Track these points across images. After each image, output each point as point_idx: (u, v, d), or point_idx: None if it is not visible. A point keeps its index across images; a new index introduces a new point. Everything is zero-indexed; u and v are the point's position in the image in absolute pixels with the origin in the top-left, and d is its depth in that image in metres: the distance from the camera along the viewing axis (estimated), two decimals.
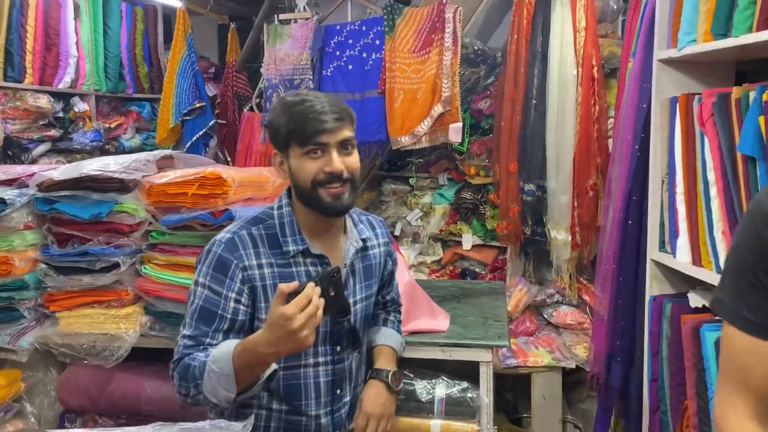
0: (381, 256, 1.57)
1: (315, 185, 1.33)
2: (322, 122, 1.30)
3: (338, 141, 1.33)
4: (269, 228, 1.40)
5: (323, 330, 1.40)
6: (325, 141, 1.31)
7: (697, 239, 1.68)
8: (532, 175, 3.00)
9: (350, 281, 1.46)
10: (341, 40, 3.21)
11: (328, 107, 1.32)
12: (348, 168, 1.34)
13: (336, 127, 1.31)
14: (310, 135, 1.30)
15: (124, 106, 4.08)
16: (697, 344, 1.63)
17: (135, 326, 1.86)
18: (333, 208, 1.35)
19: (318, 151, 1.32)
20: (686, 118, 1.72)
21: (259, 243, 1.37)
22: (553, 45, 2.93)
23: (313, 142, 1.31)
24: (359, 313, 1.49)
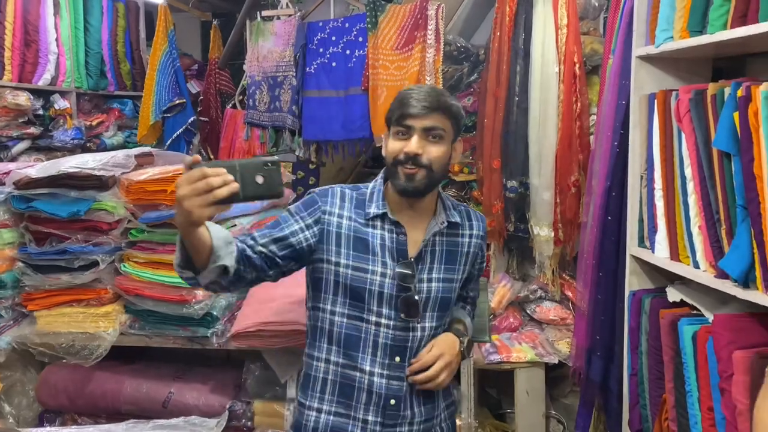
0: (471, 247, 1.61)
1: (395, 163, 1.45)
2: (411, 107, 1.42)
3: (423, 127, 1.43)
4: (362, 194, 1.56)
5: (388, 293, 1.49)
6: (410, 124, 1.43)
7: (675, 234, 1.70)
8: (515, 172, 3.01)
9: (427, 257, 1.54)
10: (324, 37, 3.19)
11: (423, 96, 1.44)
12: (427, 153, 1.43)
13: (422, 114, 1.42)
14: (401, 115, 1.44)
15: (106, 103, 4.03)
16: (674, 338, 1.65)
17: (114, 325, 1.85)
18: (404, 187, 1.46)
19: (403, 132, 1.44)
20: (664, 114, 1.73)
21: (347, 200, 1.54)
22: (535, 42, 2.94)
23: (400, 124, 1.44)
24: (433, 292, 1.53)
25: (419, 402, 1.53)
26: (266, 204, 2.12)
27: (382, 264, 1.49)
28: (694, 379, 1.56)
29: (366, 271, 1.49)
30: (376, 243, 1.50)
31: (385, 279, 1.48)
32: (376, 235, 1.50)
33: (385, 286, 1.48)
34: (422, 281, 1.51)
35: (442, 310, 1.56)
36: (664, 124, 1.74)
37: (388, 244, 1.50)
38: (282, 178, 1.19)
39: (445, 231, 1.55)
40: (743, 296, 1.39)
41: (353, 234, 1.50)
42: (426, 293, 1.51)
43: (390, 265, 1.49)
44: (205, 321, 1.82)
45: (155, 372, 1.99)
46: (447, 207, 1.58)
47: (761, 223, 1.32)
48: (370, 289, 1.48)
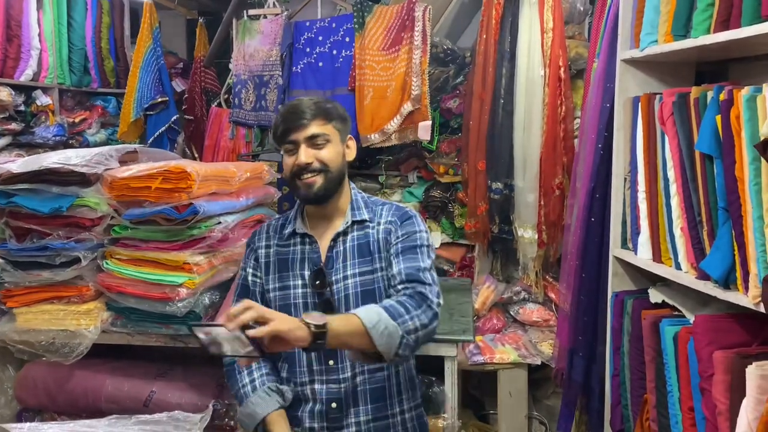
0: (380, 233, 1.62)
1: (293, 177, 1.54)
2: (289, 122, 1.52)
3: (306, 137, 1.52)
4: (286, 218, 1.68)
5: (312, 302, 1.57)
6: (294, 138, 1.52)
7: (658, 236, 1.72)
8: (500, 174, 3.03)
9: (338, 258, 1.60)
10: (311, 36, 3.19)
11: (303, 108, 1.53)
12: (318, 159, 1.52)
13: (301, 125, 1.51)
14: (281, 135, 1.54)
15: (89, 100, 3.98)
16: (656, 339, 1.66)
17: (96, 322, 1.83)
18: (306, 197, 1.56)
19: (291, 149, 1.54)
20: (648, 117, 1.75)
21: (271, 230, 1.67)
22: (521, 45, 2.96)
23: (286, 141, 1.54)
24: (351, 288, 1.57)
25: (365, 400, 1.57)
26: (251, 203, 2.11)
27: (301, 277, 1.59)
28: (675, 380, 1.58)
29: (288, 288, 1.59)
30: (296, 259, 1.61)
31: (307, 290, 1.58)
32: (295, 252, 1.62)
33: (307, 296, 1.58)
34: (338, 281, 1.58)
35: (369, 302, 1.54)
36: (647, 126, 1.75)
37: (305, 256, 1.60)
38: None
39: (354, 229, 1.61)
40: (724, 297, 1.41)
41: (276, 258, 1.63)
42: (344, 291, 1.57)
43: (307, 276, 1.58)
44: (188, 319, 1.80)
45: (137, 370, 1.97)
46: (356, 207, 1.64)
47: (742, 225, 1.33)
48: (295, 303, 1.58)
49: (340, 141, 1.58)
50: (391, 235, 1.61)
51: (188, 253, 1.78)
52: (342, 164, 1.58)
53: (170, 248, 1.79)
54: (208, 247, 1.85)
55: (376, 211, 1.65)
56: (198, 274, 1.78)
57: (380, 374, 1.58)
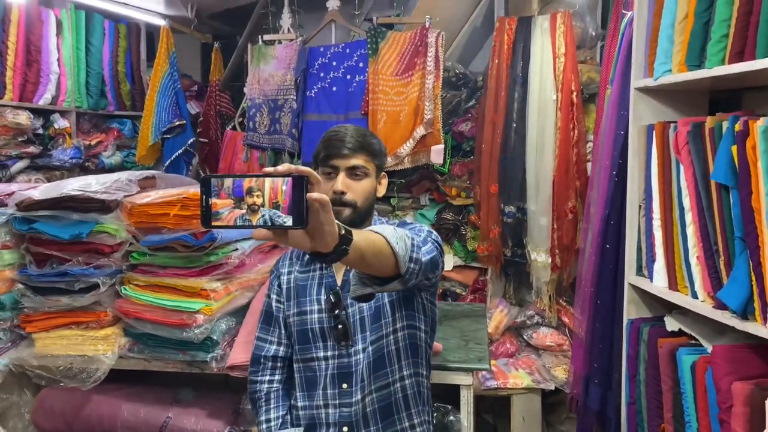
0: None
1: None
2: (335, 148, 1.54)
3: (347, 167, 1.55)
4: None
5: (327, 326, 1.58)
6: (335, 164, 1.55)
7: (674, 264, 1.71)
8: (513, 197, 3.04)
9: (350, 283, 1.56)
10: (325, 62, 3.23)
11: (346, 137, 1.55)
12: (351, 191, 1.54)
13: (347, 154, 1.54)
14: (325, 158, 1.56)
15: (105, 123, 4.03)
16: (673, 368, 1.65)
17: (113, 348, 1.84)
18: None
19: (331, 173, 1.55)
20: (662, 145, 1.75)
21: (293, 256, 1.70)
22: (533, 70, 2.98)
23: (326, 164, 1.56)
24: (365, 311, 1.58)
25: (375, 420, 1.57)
26: None
27: (317, 302, 1.60)
28: (693, 410, 1.56)
29: (305, 313, 1.61)
30: (314, 284, 1.62)
31: (323, 315, 1.59)
32: (314, 277, 1.63)
33: (323, 322, 1.59)
34: (353, 304, 1.58)
35: (378, 319, 1.58)
36: (662, 155, 1.76)
37: (323, 281, 1.61)
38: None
39: None
40: (742, 327, 1.40)
41: (296, 284, 1.64)
42: (359, 314, 1.58)
43: (323, 300, 1.59)
44: (204, 345, 1.81)
45: (153, 396, 1.98)
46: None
47: (759, 255, 1.33)
48: (312, 328, 1.59)
49: (376, 177, 1.62)
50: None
51: (205, 279, 1.80)
52: (372, 200, 1.61)
53: (188, 274, 1.81)
54: (225, 274, 1.86)
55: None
56: (215, 301, 1.79)
57: (386, 391, 1.58)
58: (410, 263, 1.25)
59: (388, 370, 1.59)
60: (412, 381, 1.61)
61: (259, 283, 2.01)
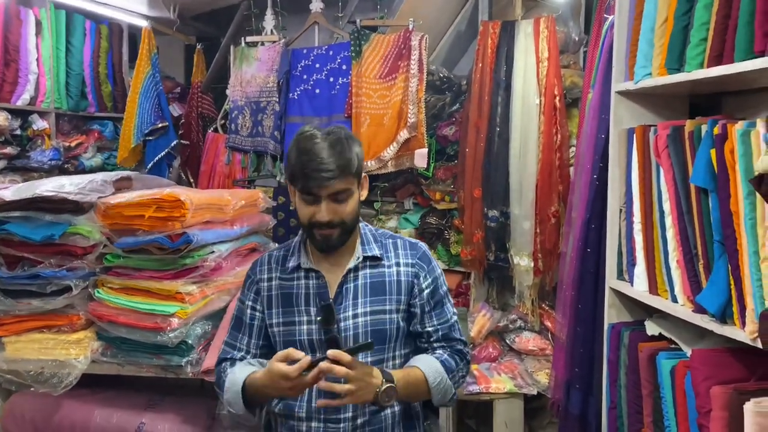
0: (402, 276, 1.59)
1: (309, 226, 1.49)
2: (315, 178, 1.42)
3: (329, 194, 1.45)
4: (287, 249, 1.63)
5: (317, 339, 1.52)
6: (317, 193, 1.45)
7: (654, 268, 1.70)
8: (496, 202, 3.03)
9: (348, 294, 1.55)
10: (308, 64, 3.21)
11: (326, 162, 1.42)
12: (338, 215, 1.47)
13: (327, 183, 1.43)
14: (305, 186, 1.45)
15: (86, 124, 3.98)
16: (653, 372, 1.64)
17: (86, 352, 1.80)
18: (322, 248, 1.52)
19: (310, 200, 1.47)
20: (643, 149, 1.75)
21: (272, 261, 1.62)
22: (517, 74, 2.98)
23: (306, 191, 1.46)
24: (361, 327, 1.53)
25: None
26: (245, 231, 2.10)
27: (306, 313, 1.54)
28: (672, 414, 1.56)
29: (293, 324, 1.55)
30: (301, 294, 1.56)
31: (312, 327, 1.52)
32: (300, 286, 1.56)
33: (313, 333, 1.52)
34: (347, 318, 1.53)
35: (378, 343, 1.53)
36: (642, 158, 1.75)
37: (311, 291, 1.55)
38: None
39: (367, 265, 1.58)
40: (720, 331, 1.40)
41: (280, 292, 1.57)
42: (353, 329, 1.53)
43: (314, 312, 1.53)
44: (179, 350, 1.78)
45: (127, 401, 1.94)
46: (365, 242, 1.61)
47: (738, 258, 1.33)
48: (300, 339, 1.53)
49: (358, 188, 1.52)
50: (418, 284, 1.59)
51: (181, 282, 1.77)
52: (358, 211, 1.54)
53: (163, 277, 1.78)
54: (201, 277, 1.83)
55: (386, 246, 1.62)
56: (190, 304, 1.76)
57: (381, 415, 1.54)
58: (444, 404, 1.58)
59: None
60: (407, 404, 1.59)
61: (236, 286, 1.97)
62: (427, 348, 1.62)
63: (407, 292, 1.58)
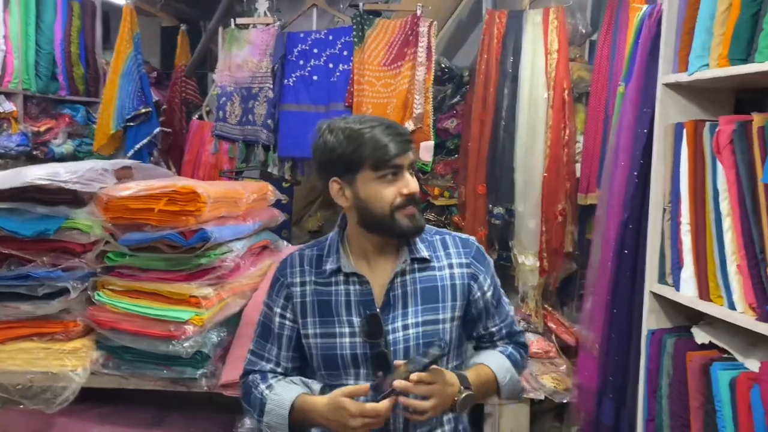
0: (456, 279, 1.44)
1: (393, 210, 1.33)
2: (397, 143, 1.32)
3: (409, 162, 1.35)
4: (320, 249, 1.46)
5: (362, 353, 1.37)
6: (400, 163, 1.32)
7: (706, 272, 1.61)
8: (501, 198, 2.93)
9: (396, 303, 1.40)
10: (305, 48, 3.02)
11: (395, 130, 1.34)
12: (416, 188, 1.36)
13: (407, 149, 1.34)
14: (388, 159, 1.31)
15: (56, 108, 3.71)
16: (705, 384, 1.55)
17: (84, 363, 1.60)
18: (412, 230, 1.37)
19: (391, 174, 1.33)
20: (694, 145, 1.65)
21: (306, 262, 1.44)
22: (524, 66, 2.88)
23: (390, 165, 1.32)
24: (412, 340, 1.38)
25: None
26: (258, 226, 1.91)
27: (348, 323, 1.38)
28: (732, 429, 1.46)
29: (334, 336, 1.38)
30: (341, 301, 1.39)
31: (355, 339, 1.37)
32: (339, 293, 1.40)
33: (356, 348, 1.37)
34: (396, 330, 1.38)
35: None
36: (694, 155, 1.65)
37: (354, 298, 1.39)
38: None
39: (415, 268, 1.42)
40: None
41: (316, 298, 1.41)
42: (403, 342, 1.37)
43: (357, 322, 1.37)
44: (194, 360, 1.59)
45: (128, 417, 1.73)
46: (412, 241, 1.44)
47: None
48: (342, 354, 1.37)
49: None
50: (478, 287, 1.47)
51: (195, 284, 1.58)
52: None
53: (174, 279, 1.59)
54: (217, 278, 1.64)
55: (434, 244, 1.47)
56: (206, 309, 1.57)
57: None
58: (514, 398, 1.51)
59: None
60: (452, 426, 1.45)
61: (251, 288, 1.79)
62: (488, 347, 1.54)
63: (463, 296, 1.45)
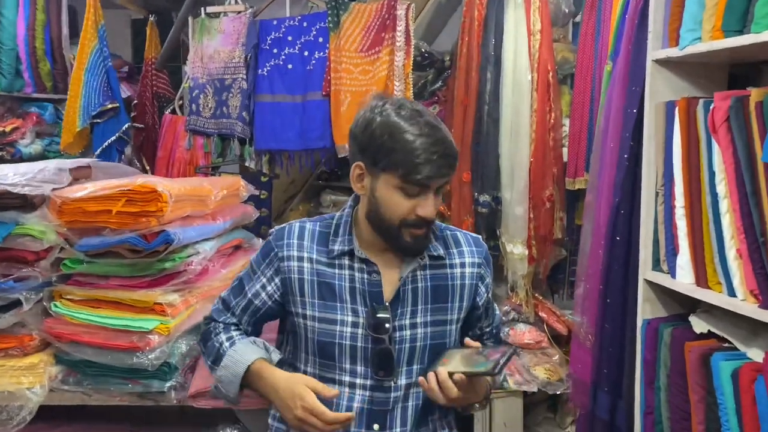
0: (466, 279, 1.37)
1: (402, 224, 1.25)
2: (437, 167, 1.20)
3: (438, 186, 1.26)
4: (326, 227, 1.37)
5: (362, 346, 1.27)
6: (430, 184, 1.23)
7: (703, 258, 1.54)
8: (487, 186, 2.84)
9: (407, 299, 1.31)
10: (279, 36, 2.90)
11: (444, 149, 1.22)
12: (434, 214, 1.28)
13: (446, 174, 1.24)
14: (420, 178, 1.20)
15: (22, 107, 3.56)
16: (706, 375, 1.48)
17: (42, 380, 1.49)
18: (411, 250, 1.29)
19: (416, 190, 1.23)
20: (687, 123, 1.57)
21: (308, 236, 1.34)
22: (507, 48, 2.78)
23: (418, 182, 1.21)
24: (419, 340, 1.30)
25: None
26: (228, 225, 1.80)
27: (353, 312, 1.28)
28: (735, 423, 1.39)
29: (334, 323, 1.28)
30: (344, 286, 1.29)
31: (357, 330, 1.28)
32: (343, 277, 1.31)
33: (357, 339, 1.29)
34: (403, 328, 1.29)
35: (435, 360, 1.31)
36: (687, 134, 1.57)
37: (359, 286, 1.29)
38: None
39: (428, 264, 1.34)
40: None
41: (317, 279, 1.31)
42: (410, 342, 1.30)
43: (362, 312, 1.27)
44: (160, 372, 1.49)
45: None
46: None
47: None
48: (340, 343, 1.27)
49: None
50: (484, 285, 1.42)
51: (160, 291, 1.47)
52: None
53: (137, 286, 1.48)
54: (184, 283, 1.53)
55: (447, 241, 1.40)
56: (172, 317, 1.46)
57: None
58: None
59: (435, 418, 1.34)
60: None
61: None
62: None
63: (470, 297, 1.39)
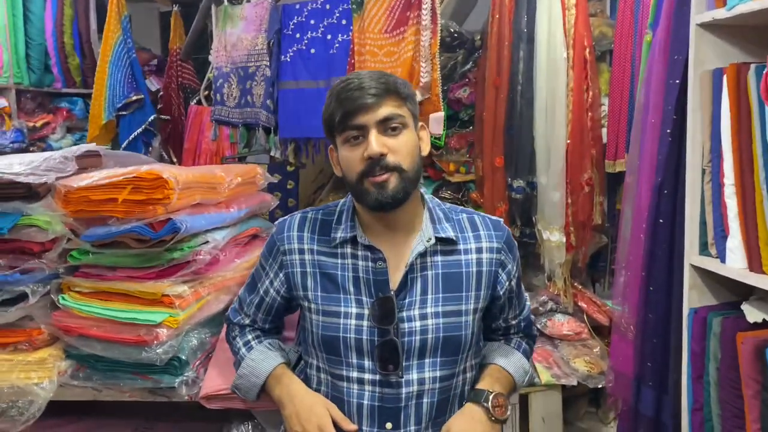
0: (484, 265, 1.28)
1: (361, 177, 1.19)
2: (355, 100, 1.17)
3: (377, 120, 1.18)
4: (329, 215, 1.32)
5: (368, 339, 1.20)
6: (362, 122, 1.17)
7: (756, 240, 1.40)
8: (521, 170, 2.72)
9: (415, 287, 1.23)
10: (301, 20, 2.82)
11: (366, 83, 1.18)
12: (392, 150, 1.18)
13: (373, 104, 1.17)
14: (345, 117, 1.18)
15: (52, 102, 3.59)
16: (760, 369, 1.35)
17: (51, 375, 1.44)
18: (376, 202, 1.19)
19: (358, 136, 1.19)
20: (737, 92, 1.42)
21: (308, 227, 1.31)
22: (541, 24, 2.64)
23: (349, 126, 1.18)
24: (430, 332, 1.21)
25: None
26: (243, 214, 1.73)
27: (357, 303, 1.21)
28: None
29: (338, 315, 1.21)
30: (348, 276, 1.22)
31: (362, 322, 1.21)
32: (346, 266, 1.25)
33: (362, 332, 1.22)
34: (412, 319, 1.21)
35: (450, 353, 1.23)
36: (737, 104, 1.43)
37: (363, 275, 1.22)
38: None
39: (438, 250, 1.25)
40: None
41: (318, 270, 1.27)
42: (420, 334, 1.20)
43: (366, 303, 1.20)
44: (171, 367, 1.43)
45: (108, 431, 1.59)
46: (436, 219, 1.28)
47: None
48: (345, 337, 1.20)
49: (414, 128, 1.25)
50: (506, 274, 1.32)
51: (168, 282, 1.41)
52: (418, 161, 1.25)
53: (145, 277, 1.42)
54: (194, 274, 1.47)
55: (461, 224, 1.30)
56: (181, 309, 1.40)
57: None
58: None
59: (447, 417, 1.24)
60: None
61: (237, 283, 1.61)
62: (501, 340, 1.45)
63: (489, 285, 1.28)
